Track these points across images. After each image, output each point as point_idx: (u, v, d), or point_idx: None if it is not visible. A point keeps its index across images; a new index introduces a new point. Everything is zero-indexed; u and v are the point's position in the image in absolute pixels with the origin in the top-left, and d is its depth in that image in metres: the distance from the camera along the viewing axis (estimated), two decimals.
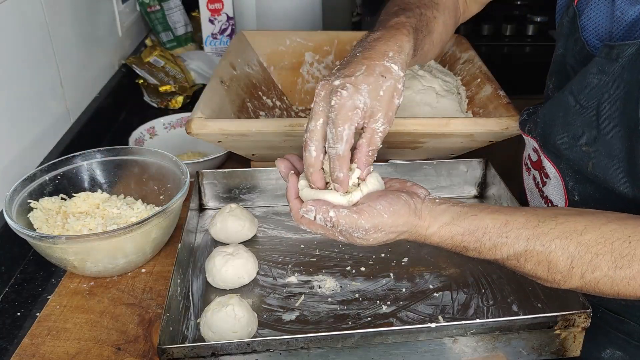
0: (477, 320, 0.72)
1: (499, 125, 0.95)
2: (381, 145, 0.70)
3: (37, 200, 0.90)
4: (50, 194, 0.93)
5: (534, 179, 0.86)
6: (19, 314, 0.83)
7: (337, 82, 0.66)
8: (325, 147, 0.68)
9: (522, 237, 0.64)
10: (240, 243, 0.91)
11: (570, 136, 0.73)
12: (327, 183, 0.70)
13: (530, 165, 0.86)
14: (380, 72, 0.68)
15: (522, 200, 0.94)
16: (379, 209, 0.65)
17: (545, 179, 0.82)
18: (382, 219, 0.65)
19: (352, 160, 0.69)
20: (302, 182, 0.70)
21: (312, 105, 0.69)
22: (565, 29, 0.79)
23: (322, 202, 0.66)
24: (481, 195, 1.04)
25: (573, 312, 0.71)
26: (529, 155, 0.86)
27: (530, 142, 0.84)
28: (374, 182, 0.69)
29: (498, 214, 0.66)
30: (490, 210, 0.66)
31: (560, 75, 0.81)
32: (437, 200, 0.68)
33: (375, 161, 1.01)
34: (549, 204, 0.84)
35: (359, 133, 0.69)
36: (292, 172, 0.72)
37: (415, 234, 0.67)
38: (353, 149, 0.68)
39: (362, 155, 0.68)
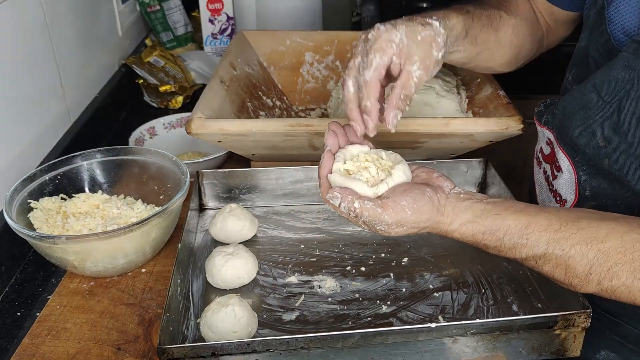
0: (477, 320, 0.72)
1: (499, 125, 0.95)
2: (414, 94, 0.69)
3: (37, 200, 0.90)
4: (50, 194, 0.93)
5: (545, 172, 0.85)
6: (19, 314, 0.83)
7: (377, 24, 0.69)
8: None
9: (542, 240, 0.64)
10: (240, 243, 0.91)
11: (589, 130, 0.72)
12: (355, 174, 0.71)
13: (541, 159, 0.86)
14: (419, 22, 0.70)
15: (530, 195, 0.94)
16: (402, 205, 0.65)
17: (556, 173, 0.81)
18: (405, 215, 0.65)
19: (381, 114, 0.70)
20: (336, 166, 0.71)
21: (353, 44, 0.70)
22: (591, 20, 0.77)
23: (349, 192, 0.66)
24: None
25: (573, 312, 0.71)
26: (541, 148, 0.86)
27: (545, 134, 0.83)
28: (400, 175, 0.69)
29: (521, 215, 0.65)
30: (514, 210, 0.66)
31: (581, 68, 0.80)
32: (462, 196, 0.68)
33: None
34: (558, 198, 0.84)
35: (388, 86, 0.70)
36: (329, 148, 0.73)
37: (437, 229, 0.68)
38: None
39: (394, 96, 0.68)
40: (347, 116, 0.72)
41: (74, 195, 0.94)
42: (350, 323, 0.78)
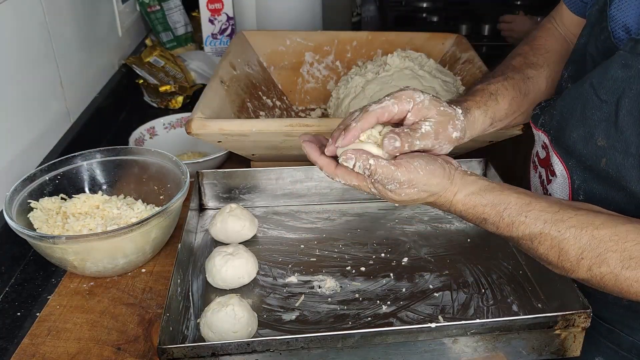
0: (477, 320, 0.72)
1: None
2: (416, 142, 0.71)
3: (37, 200, 0.90)
4: (50, 194, 0.93)
5: (540, 176, 0.85)
6: (19, 314, 0.83)
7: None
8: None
9: (540, 219, 0.66)
10: (240, 243, 0.91)
11: (587, 130, 0.72)
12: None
13: (537, 163, 0.86)
14: (446, 103, 0.74)
15: None
16: (415, 165, 0.68)
17: (551, 177, 0.81)
18: (417, 175, 0.68)
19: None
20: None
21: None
22: (592, 17, 0.77)
23: (362, 151, 0.68)
24: None
25: (573, 312, 0.71)
26: (537, 152, 0.86)
27: (541, 138, 0.83)
28: None
29: (524, 195, 0.68)
30: (517, 191, 0.69)
31: (578, 65, 0.80)
32: (468, 172, 0.72)
33: None
34: None
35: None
36: (307, 139, 0.75)
37: (442, 198, 0.70)
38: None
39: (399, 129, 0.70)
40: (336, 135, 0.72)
41: (74, 195, 0.94)
42: (350, 323, 0.78)
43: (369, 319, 0.79)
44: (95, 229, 0.87)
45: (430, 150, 0.72)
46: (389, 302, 0.81)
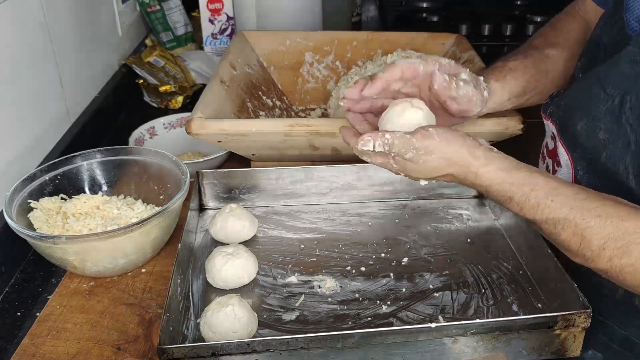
0: (477, 320, 0.72)
1: (499, 125, 0.95)
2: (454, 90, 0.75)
3: (37, 200, 0.90)
4: (50, 194, 0.93)
5: (547, 167, 0.86)
6: (19, 314, 0.83)
7: None
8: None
9: (566, 204, 0.65)
10: (240, 243, 0.91)
11: (590, 123, 0.73)
12: None
13: (545, 154, 0.86)
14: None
15: None
16: (430, 131, 0.69)
17: (556, 167, 0.81)
18: (433, 140, 0.69)
19: None
20: None
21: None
22: (609, 8, 0.77)
23: (377, 131, 0.71)
24: (481, 195, 1.04)
25: (573, 312, 0.71)
26: (546, 143, 0.86)
27: (550, 128, 0.83)
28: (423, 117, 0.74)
29: (552, 179, 0.68)
30: (545, 174, 0.69)
31: (590, 55, 0.80)
32: (495, 149, 0.71)
33: None
34: None
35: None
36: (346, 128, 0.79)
37: (466, 170, 0.70)
38: None
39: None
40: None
41: (74, 195, 0.94)
42: (350, 323, 0.78)
43: (369, 319, 0.79)
44: (95, 229, 0.87)
45: (466, 111, 0.74)
46: (389, 302, 0.81)
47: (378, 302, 0.81)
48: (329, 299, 0.82)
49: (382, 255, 0.91)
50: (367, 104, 0.80)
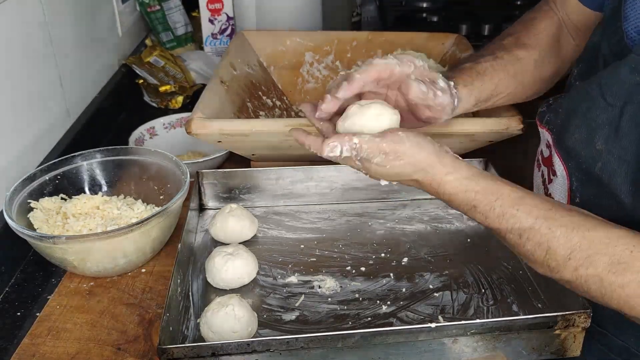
0: (477, 320, 0.72)
1: (499, 125, 0.95)
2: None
3: (37, 200, 0.90)
4: (50, 194, 0.93)
5: (542, 175, 0.85)
6: (19, 314, 0.83)
7: None
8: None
9: (532, 214, 0.64)
10: (240, 243, 0.91)
11: (588, 131, 0.71)
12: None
13: (541, 161, 0.85)
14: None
15: None
16: (401, 136, 0.67)
17: (552, 177, 0.81)
18: (403, 145, 0.67)
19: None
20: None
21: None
22: (607, 16, 0.76)
23: (344, 135, 0.68)
24: None
25: (573, 312, 0.71)
26: (541, 150, 0.86)
27: (545, 136, 0.83)
28: (389, 118, 0.71)
29: (517, 189, 0.67)
30: (510, 184, 0.68)
31: (589, 64, 0.78)
32: (461, 158, 0.70)
33: None
34: None
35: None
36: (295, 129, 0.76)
37: (431, 176, 0.68)
38: None
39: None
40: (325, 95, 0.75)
41: (74, 195, 0.94)
42: (350, 323, 0.78)
43: (369, 319, 0.79)
44: (95, 229, 0.87)
45: (436, 118, 0.73)
46: (389, 302, 0.81)
47: (378, 302, 0.81)
48: (329, 299, 0.82)
49: (382, 255, 0.91)
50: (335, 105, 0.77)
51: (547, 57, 0.87)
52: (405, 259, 0.90)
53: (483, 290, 0.83)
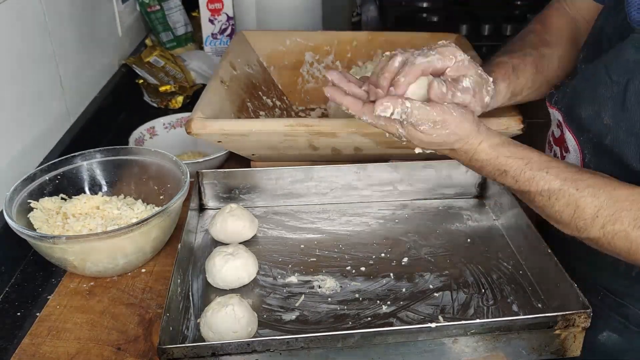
0: (477, 320, 0.72)
1: (498, 125, 0.95)
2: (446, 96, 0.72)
3: (37, 200, 0.90)
4: (50, 194, 0.93)
5: (554, 154, 0.87)
6: (19, 314, 0.83)
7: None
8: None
9: (560, 176, 0.68)
10: (240, 243, 0.91)
11: (595, 108, 0.74)
12: None
13: (552, 142, 0.87)
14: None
15: None
16: (448, 106, 0.70)
17: (564, 153, 0.83)
18: (451, 115, 0.70)
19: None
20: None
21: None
22: (610, 0, 0.78)
23: (396, 97, 0.70)
24: (481, 195, 1.04)
25: (573, 312, 0.71)
26: (552, 132, 0.88)
27: (555, 116, 0.84)
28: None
29: (544, 155, 0.71)
30: (538, 151, 0.72)
31: (594, 47, 0.80)
32: (493, 129, 0.74)
33: (375, 161, 1.02)
34: None
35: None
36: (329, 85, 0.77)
37: (468, 145, 0.72)
38: None
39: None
40: (376, 82, 0.73)
41: (74, 195, 0.94)
42: (350, 323, 0.78)
43: (369, 319, 0.79)
44: (95, 229, 0.87)
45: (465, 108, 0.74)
46: (389, 302, 0.81)
47: (378, 302, 0.81)
48: (329, 299, 0.82)
49: (382, 255, 0.91)
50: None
51: (567, 53, 0.89)
52: (405, 259, 0.90)
53: (483, 290, 0.83)
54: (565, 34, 0.91)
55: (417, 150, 0.75)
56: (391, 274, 0.86)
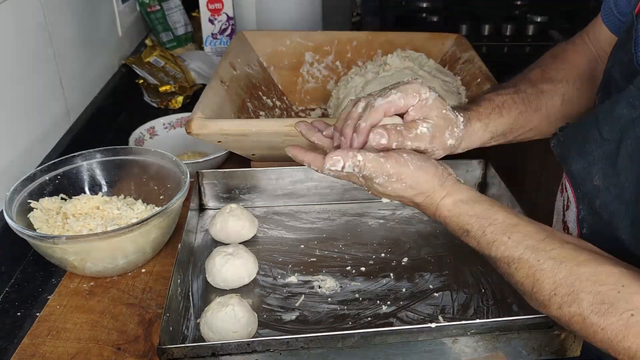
0: (477, 320, 0.72)
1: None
2: (406, 143, 0.70)
3: (37, 201, 0.90)
4: (50, 194, 0.93)
5: (563, 201, 0.81)
6: (19, 314, 0.83)
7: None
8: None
9: (522, 243, 0.62)
10: (240, 243, 0.91)
11: (585, 166, 0.68)
12: None
13: (563, 188, 0.82)
14: (449, 106, 0.73)
15: (547, 222, 0.90)
16: (406, 158, 0.66)
17: (568, 204, 0.77)
18: (407, 168, 0.66)
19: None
20: None
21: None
22: (621, 37, 0.72)
23: (348, 150, 0.67)
24: None
25: None
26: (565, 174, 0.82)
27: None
28: None
29: (512, 216, 0.65)
30: (507, 210, 0.66)
31: (606, 90, 0.73)
32: (462, 182, 0.70)
33: None
34: (566, 232, 0.80)
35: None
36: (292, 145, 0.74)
37: (430, 200, 0.69)
38: None
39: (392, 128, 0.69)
40: (340, 130, 0.72)
41: (74, 195, 0.94)
42: (350, 323, 0.78)
43: (369, 319, 0.79)
44: (95, 229, 0.87)
45: (423, 153, 0.70)
46: (389, 302, 0.81)
47: (378, 302, 0.81)
48: (329, 299, 0.82)
49: (382, 255, 0.91)
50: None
51: (578, 91, 0.83)
52: (405, 259, 0.90)
53: (483, 290, 0.83)
54: (578, 71, 0.84)
55: (384, 200, 0.73)
56: (391, 274, 0.86)
